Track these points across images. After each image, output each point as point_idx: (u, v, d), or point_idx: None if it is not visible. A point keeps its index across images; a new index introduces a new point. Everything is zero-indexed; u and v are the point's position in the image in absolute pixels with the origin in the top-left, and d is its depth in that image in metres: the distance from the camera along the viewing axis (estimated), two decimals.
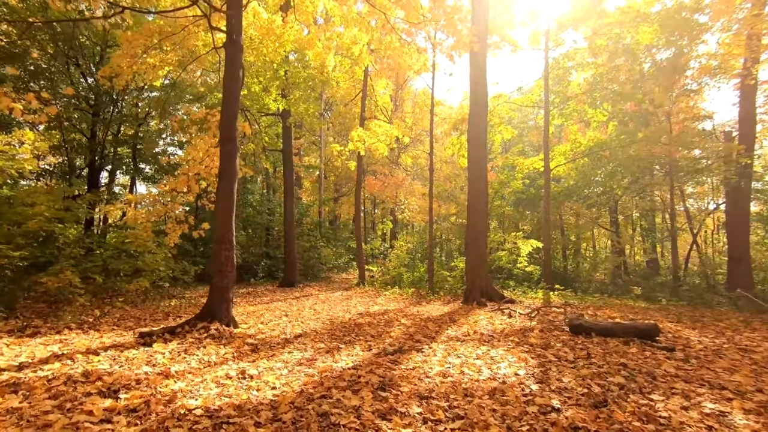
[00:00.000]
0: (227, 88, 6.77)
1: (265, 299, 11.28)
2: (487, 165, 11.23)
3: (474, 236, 10.82)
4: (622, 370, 4.39)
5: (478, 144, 10.92)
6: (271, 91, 13.48)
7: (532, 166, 16.58)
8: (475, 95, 11.06)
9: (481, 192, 10.88)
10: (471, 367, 4.47)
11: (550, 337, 5.99)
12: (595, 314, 8.21)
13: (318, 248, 19.14)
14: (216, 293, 6.37)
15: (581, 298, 10.79)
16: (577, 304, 9.90)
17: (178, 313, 8.00)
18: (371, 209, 31.10)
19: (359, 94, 15.77)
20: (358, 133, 11.89)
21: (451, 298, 11.66)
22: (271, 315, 8.27)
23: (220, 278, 6.37)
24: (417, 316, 8.27)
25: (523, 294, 11.65)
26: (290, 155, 15.10)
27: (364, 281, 14.89)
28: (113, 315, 7.47)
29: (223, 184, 6.57)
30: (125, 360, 4.49)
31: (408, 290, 12.61)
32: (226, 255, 6.43)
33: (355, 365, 4.56)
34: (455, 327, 6.91)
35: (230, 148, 6.64)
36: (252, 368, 4.37)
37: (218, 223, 6.51)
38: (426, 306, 10.10)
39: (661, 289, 13.41)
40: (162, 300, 9.58)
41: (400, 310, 9.24)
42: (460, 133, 15.46)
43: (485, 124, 11.15)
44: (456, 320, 7.58)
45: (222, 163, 6.63)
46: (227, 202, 6.53)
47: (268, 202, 20.47)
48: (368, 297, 11.98)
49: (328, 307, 9.71)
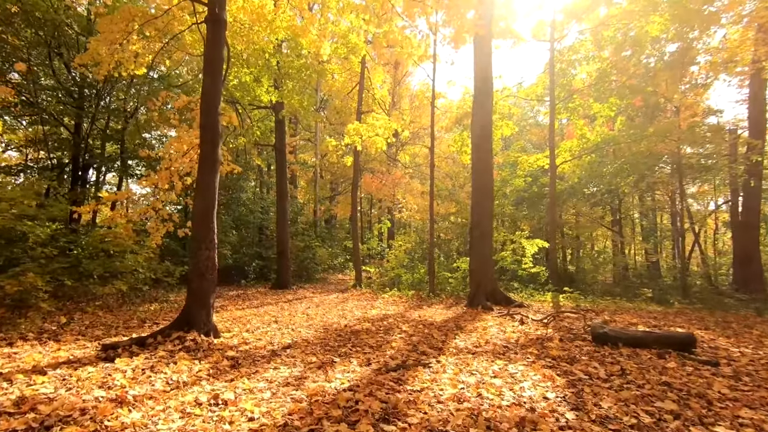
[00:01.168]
0: (208, 67, 6.04)
1: (254, 302, 10.54)
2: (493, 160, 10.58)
3: (479, 235, 10.14)
4: (668, 391, 3.70)
5: (483, 135, 10.24)
6: (262, 82, 12.73)
7: (536, 163, 15.92)
8: (480, 82, 10.37)
9: (486, 187, 10.21)
10: (489, 388, 3.76)
11: (572, 348, 5.30)
12: (612, 320, 7.54)
13: (313, 248, 18.39)
14: (194, 298, 5.63)
15: (593, 301, 10.13)
16: (589, 309, 9.24)
17: (156, 320, 7.25)
18: (368, 209, 30.37)
19: (356, 86, 15.06)
20: (354, 126, 11.17)
21: (454, 301, 10.97)
22: (259, 321, 7.53)
23: (200, 281, 5.64)
24: (419, 322, 7.56)
25: (530, 297, 10.98)
26: (283, 150, 14.36)
27: (361, 283, 14.17)
28: (82, 322, 6.70)
29: (203, 175, 5.83)
30: (76, 381, 3.74)
31: (408, 292, 11.91)
32: (206, 255, 5.70)
33: (351, 385, 3.85)
34: (463, 335, 6.20)
35: (211, 136, 5.91)
36: (228, 391, 3.64)
37: (197, 219, 5.78)
38: (427, 310, 9.40)
39: (670, 291, 12.80)
40: (142, 304, 8.81)
41: (400, 315, 8.53)
42: (462, 129, 14.79)
43: (491, 113, 10.48)
44: (463, 327, 6.88)
45: (202, 152, 5.89)
46: (207, 196, 5.80)
47: (261, 200, 19.71)
48: (365, 300, 11.26)
49: (323, 312, 8.98)
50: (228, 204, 17.39)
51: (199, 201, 5.80)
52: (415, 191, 21.71)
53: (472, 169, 10.58)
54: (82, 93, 16.03)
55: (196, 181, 5.90)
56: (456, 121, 14.41)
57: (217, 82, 6.03)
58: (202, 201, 5.79)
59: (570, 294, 10.73)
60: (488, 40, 10.47)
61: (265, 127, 15.92)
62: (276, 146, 14.35)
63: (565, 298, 10.40)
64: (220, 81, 6.10)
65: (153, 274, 9.87)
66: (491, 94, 10.51)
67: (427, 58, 11.62)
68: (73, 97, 15.91)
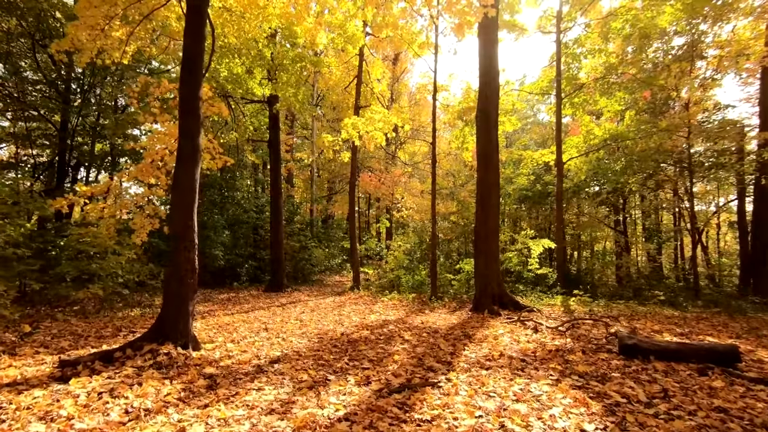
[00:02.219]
0: (188, 47, 5.39)
1: (245, 306, 9.88)
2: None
3: (484, 234, 9.52)
4: (727, 420, 3.08)
5: (489, 126, 9.62)
6: (255, 74, 12.09)
7: (541, 159, 15.32)
8: (485, 69, 9.75)
9: (492, 183, 9.59)
10: (514, 417, 3.13)
11: (599, 362, 4.69)
12: (632, 327, 6.94)
13: (309, 249, 17.74)
14: (171, 305, 4.98)
15: (607, 305, 9.52)
16: (604, 314, 8.63)
17: (133, 327, 6.59)
18: (366, 209, 29.72)
19: (353, 80, 14.43)
20: (352, 120, 10.52)
21: (458, 304, 10.35)
22: (248, 329, 6.88)
23: (177, 286, 4.99)
24: (422, 328, 6.94)
25: (538, 300, 10.36)
26: (278, 146, 13.71)
27: (359, 285, 13.53)
28: (48, 331, 6.04)
29: (182, 168, 5.18)
30: (12, 411, 3.09)
31: (408, 296, 11.28)
32: (185, 257, 5.05)
33: (348, 413, 3.21)
34: (473, 346, 5.57)
35: (191, 123, 5.26)
36: (198, 422, 3.01)
37: (175, 216, 5.13)
38: (430, 315, 8.78)
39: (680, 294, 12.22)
40: (122, 309, 8.14)
41: (401, 321, 7.90)
42: (464, 124, 14.18)
43: (497, 102, 9.88)
44: (471, 336, 6.25)
45: (181, 141, 5.24)
46: (187, 191, 5.15)
47: (256, 199, 19.03)
48: (363, 304, 10.63)
49: (318, 317, 8.34)
50: (222, 203, 16.72)
51: (177, 195, 5.16)
52: (414, 190, 21.10)
53: (477, 163, 9.97)
54: (69, 87, 15.36)
55: (174, 173, 5.25)
56: (458, 116, 13.78)
57: (198, 64, 5.39)
58: (180, 195, 5.14)
59: (580, 297, 10.12)
60: (494, 27, 9.86)
61: (259, 123, 15.27)
62: (270, 142, 13.70)
63: (576, 301, 9.79)
64: (201, 62, 5.45)
65: (136, 277, 9.20)
66: (497, 83, 9.89)
67: (428, 47, 11.00)
68: (58, 92, 15.23)
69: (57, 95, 15.04)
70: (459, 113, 13.61)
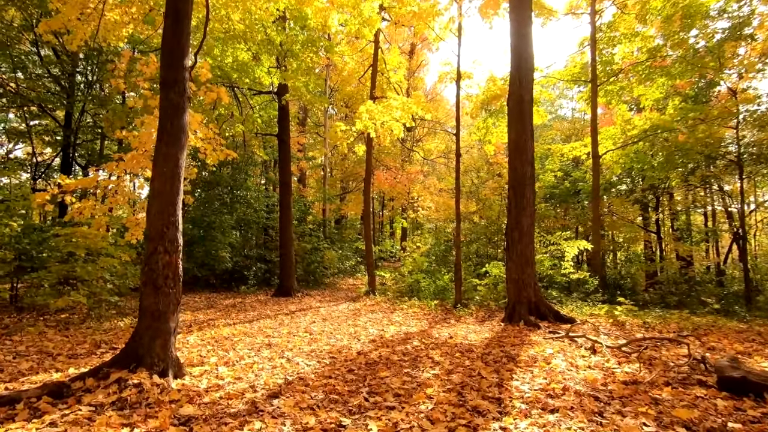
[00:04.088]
0: (171, 5, 4.43)
1: (250, 314, 8.93)
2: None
3: (518, 234, 8.39)
4: None
5: (523, 112, 8.50)
6: (262, 60, 11.17)
7: (571, 153, 14.07)
8: (518, 47, 8.68)
9: (526, 176, 8.46)
10: None
11: (698, 402, 3.54)
12: (704, 343, 5.74)
13: (321, 250, 16.78)
14: (146, 322, 4.01)
15: (662, 317, 8.26)
16: (658, 325, 7.43)
17: (116, 342, 5.66)
18: (379, 209, 28.68)
19: (368, 69, 13.43)
20: (368, 106, 9.49)
21: (486, 313, 9.24)
22: (249, 344, 5.89)
23: (154, 297, 4.01)
24: (453, 346, 5.85)
25: (578, 310, 9.17)
26: (287, 141, 12.79)
27: (375, 290, 12.49)
28: (13, 348, 5.14)
29: (162, 150, 4.22)
30: None
31: (430, 303, 10.19)
32: (165, 261, 4.08)
33: None
34: (522, 372, 4.47)
35: (174, 97, 4.30)
36: None
37: (153, 210, 4.16)
38: (457, 326, 7.70)
39: (733, 301, 10.87)
40: (111, 319, 7.24)
41: (425, 334, 6.83)
42: (487, 115, 13.04)
43: (531, 84, 8.75)
44: (515, 357, 5.14)
45: (162, 118, 4.28)
46: (168, 178, 4.18)
47: (267, 198, 18.17)
48: (381, 312, 9.59)
49: (330, 329, 7.33)
50: (231, 203, 15.88)
51: (156, 183, 4.19)
52: (432, 188, 19.97)
53: (508, 155, 8.85)
54: (73, 81, 14.75)
55: (154, 157, 4.29)
56: (482, 105, 12.66)
57: (183, 24, 4.42)
58: (160, 183, 4.17)
59: (627, 306, 8.87)
60: (528, 2, 8.74)
61: (268, 116, 14.37)
62: (279, 136, 12.78)
63: (623, 311, 8.56)
64: (187, 23, 4.48)
65: (131, 282, 8.32)
66: (531, 64, 8.75)
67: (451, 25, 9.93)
68: (62, 86, 14.63)
69: (60, 90, 14.44)
70: (483, 103, 12.48)
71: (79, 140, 15.33)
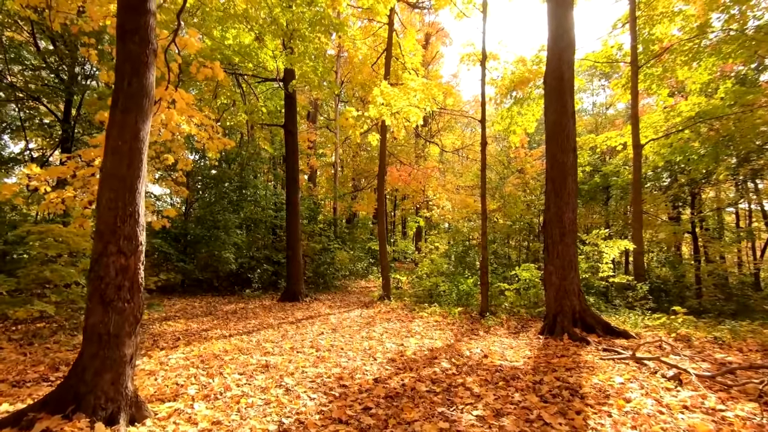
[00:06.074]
0: None
1: (251, 323, 7.90)
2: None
3: (558, 231, 7.21)
4: None
5: (563, 90, 7.34)
6: (266, 43, 10.18)
7: (605, 144, 12.75)
8: (557, 17, 7.53)
9: (568, 164, 7.27)
10: None
11: None
12: None
13: (332, 251, 15.74)
14: (92, 349, 2.96)
15: (733, 329, 6.96)
16: (732, 341, 6.18)
17: None
18: (391, 209, 27.55)
19: (382, 54, 12.35)
20: (382, 88, 8.39)
21: (518, 323, 8.07)
22: (241, 365, 4.84)
23: (103, 315, 2.97)
24: (491, 369, 4.72)
25: (627, 320, 7.93)
26: (294, 132, 11.76)
27: (390, 294, 11.38)
28: None
29: (117, 118, 3.19)
30: None
31: (453, 310, 9.04)
32: (119, 266, 3.04)
33: None
34: (596, 415, 3.32)
35: (134, 48, 3.26)
36: None
37: (104, 198, 3.12)
38: (488, 339, 6.58)
39: None
40: None
41: (454, 351, 5.71)
42: (513, 101, 11.84)
43: (572, 58, 7.58)
44: (576, 388, 3.99)
45: (118, 76, 3.25)
46: (125, 155, 3.14)
47: (275, 196, 17.20)
48: (398, 320, 8.48)
49: (341, 343, 6.25)
50: (237, 201, 14.93)
51: (109, 162, 3.15)
52: (449, 185, 18.78)
53: (546, 141, 7.66)
54: (73, 72, 13.98)
55: (107, 127, 3.26)
56: (508, 91, 11.46)
57: None
58: (114, 161, 3.13)
59: (685, 317, 7.60)
60: None
61: (273, 107, 13.38)
62: (286, 127, 11.77)
63: (683, 322, 7.29)
64: None
65: None
66: (572, 36, 7.55)
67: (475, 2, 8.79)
68: (61, 79, 13.89)
69: (59, 82, 13.69)
70: (509, 88, 11.28)
71: (78, 134, 14.59)
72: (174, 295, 11.84)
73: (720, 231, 17.13)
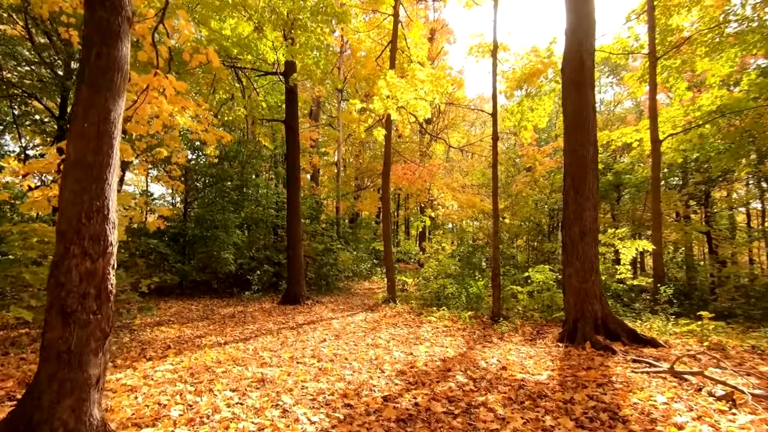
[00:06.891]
0: None
1: (248, 329, 7.43)
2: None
3: (578, 231, 6.71)
4: None
5: (583, 80, 6.84)
6: (266, 33, 9.71)
7: (620, 140, 12.22)
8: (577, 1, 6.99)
9: (588, 158, 6.78)
10: None
11: None
12: None
13: (334, 251, 15.26)
14: (51, 369, 2.49)
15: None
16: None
17: None
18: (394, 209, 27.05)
19: (387, 46, 11.86)
20: (388, 78, 7.90)
21: (533, 328, 7.57)
22: (234, 379, 4.36)
23: (63, 329, 2.49)
24: (514, 385, 4.22)
25: (652, 326, 7.41)
26: (295, 128, 11.29)
27: (395, 297, 10.89)
28: None
29: (83, 96, 2.71)
30: None
31: (463, 314, 8.54)
32: (84, 270, 2.56)
33: None
34: None
35: (104, 14, 2.78)
36: None
37: (66, 190, 2.65)
38: (503, 347, 6.08)
39: None
40: None
41: (468, 361, 5.22)
42: (525, 95, 11.33)
43: (593, 44, 7.10)
44: (616, 410, 3.48)
45: (86, 48, 2.78)
46: (92, 140, 2.67)
47: (276, 195, 16.74)
48: (405, 325, 7.99)
49: (345, 351, 5.76)
50: (238, 200, 14.46)
51: (72, 148, 2.68)
52: (454, 184, 18.27)
53: (564, 134, 7.15)
54: (69, 67, 13.55)
55: (72, 107, 2.79)
56: (519, 84, 10.96)
57: None
58: (78, 147, 2.66)
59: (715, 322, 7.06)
60: None
61: (273, 101, 12.91)
62: (286, 122, 11.30)
63: (714, 329, 6.77)
64: None
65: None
66: (592, 20, 7.04)
67: None
68: (56, 74, 13.49)
69: (55, 78, 13.28)
70: (520, 80, 10.77)
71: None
72: (171, 297, 11.41)
73: (732, 231, 16.58)
